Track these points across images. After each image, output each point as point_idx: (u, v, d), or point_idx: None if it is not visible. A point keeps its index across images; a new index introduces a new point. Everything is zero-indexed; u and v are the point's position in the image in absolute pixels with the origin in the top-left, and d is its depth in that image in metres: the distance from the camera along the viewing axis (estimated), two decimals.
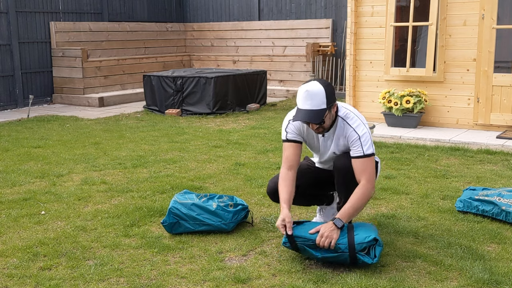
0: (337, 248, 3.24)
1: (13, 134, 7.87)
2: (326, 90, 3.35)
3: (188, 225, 3.88)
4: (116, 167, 5.88)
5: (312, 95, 3.33)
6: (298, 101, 3.41)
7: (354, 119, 3.47)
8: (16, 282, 3.22)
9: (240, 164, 5.86)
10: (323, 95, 3.34)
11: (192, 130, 7.97)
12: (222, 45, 13.87)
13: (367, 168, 3.40)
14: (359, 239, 3.27)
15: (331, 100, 3.37)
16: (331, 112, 3.42)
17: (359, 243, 3.25)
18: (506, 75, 7.01)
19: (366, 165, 3.40)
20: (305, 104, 3.35)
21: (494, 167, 5.62)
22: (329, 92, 3.37)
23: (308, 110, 3.34)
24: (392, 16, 7.42)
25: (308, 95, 3.34)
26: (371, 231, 3.34)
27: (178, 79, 9.54)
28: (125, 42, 12.85)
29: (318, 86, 3.35)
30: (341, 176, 3.53)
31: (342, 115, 3.49)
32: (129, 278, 3.24)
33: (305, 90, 3.36)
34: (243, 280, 3.19)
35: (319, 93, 3.33)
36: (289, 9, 13.02)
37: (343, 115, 3.49)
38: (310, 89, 3.35)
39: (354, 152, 3.43)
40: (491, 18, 6.89)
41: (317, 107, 3.34)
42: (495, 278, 3.12)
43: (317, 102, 3.33)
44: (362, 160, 3.40)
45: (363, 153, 3.40)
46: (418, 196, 4.71)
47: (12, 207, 4.58)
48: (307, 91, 3.35)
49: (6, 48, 10.62)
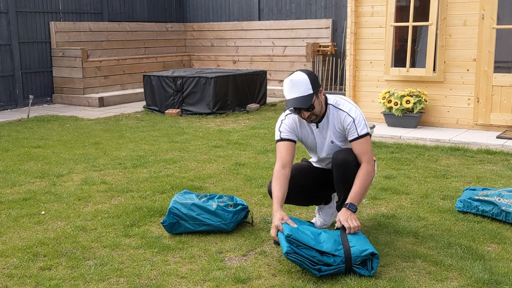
0: (332, 262, 3.18)
1: (13, 134, 7.87)
2: (309, 76, 3.50)
3: (188, 225, 3.88)
4: (116, 167, 5.88)
5: (297, 83, 3.47)
6: (285, 92, 3.54)
7: (346, 104, 3.59)
8: (16, 282, 3.22)
9: (240, 164, 5.86)
10: (307, 81, 3.48)
11: (192, 130, 7.97)
12: (222, 45, 13.87)
13: (364, 148, 3.51)
14: (356, 251, 3.20)
15: (316, 85, 3.51)
16: (318, 98, 3.54)
17: (356, 256, 3.19)
18: (506, 75, 7.01)
19: (362, 146, 3.51)
20: (292, 92, 3.48)
21: (494, 167, 5.62)
22: (312, 78, 3.52)
23: (296, 97, 3.47)
24: (392, 16, 7.42)
25: (293, 84, 3.48)
26: (367, 244, 3.27)
27: (178, 79, 9.54)
28: (125, 42, 12.85)
29: (301, 74, 3.51)
30: (340, 171, 3.55)
31: (333, 103, 3.61)
32: (129, 278, 3.24)
33: (289, 80, 3.50)
34: (243, 280, 3.19)
35: (303, 80, 3.48)
36: (289, 9, 13.02)
37: (333, 103, 3.61)
38: (294, 78, 3.49)
39: (351, 135, 3.54)
40: (491, 18, 6.89)
41: (303, 93, 3.46)
42: (495, 278, 3.12)
43: (303, 88, 3.46)
44: (358, 141, 3.51)
45: (357, 135, 3.52)
46: (418, 196, 4.71)
47: (12, 207, 4.58)
48: (291, 80, 3.49)
49: (6, 48, 10.62)
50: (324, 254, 3.19)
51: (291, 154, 3.62)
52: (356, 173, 3.50)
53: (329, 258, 3.18)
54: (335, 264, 3.17)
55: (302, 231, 3.28)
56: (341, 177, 3.56)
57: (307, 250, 3.17)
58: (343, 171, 3.53)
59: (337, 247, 3.23)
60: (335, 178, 3.61)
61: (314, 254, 3.17)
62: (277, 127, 3.69)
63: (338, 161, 3.54)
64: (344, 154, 3.54)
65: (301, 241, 3.18)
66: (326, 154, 3.72)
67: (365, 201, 4.59)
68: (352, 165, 3.51)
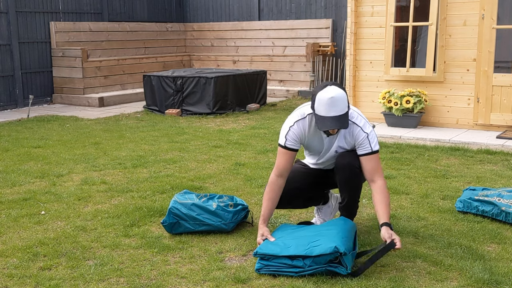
0: (302, 264, 3.18)
1: (13, 134, 7.87)
2: (345, 93, 3.41)
3: (188, 225, 3.88)
4: (116, 167, 5.88)
5: (337, 101, 3.33)
6: (321, 108, 3.35)
7: (359, 119, 3.54)
8: (16, 282, 3.22)
9: (240, 164, 5.86)
10: (345, 98, 3.38)
11: (192, 130, 7.97)
12: (222, 45, 13.87)
13: (378, 164, 3.53)
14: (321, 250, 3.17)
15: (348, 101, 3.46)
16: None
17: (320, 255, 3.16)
18: (506, 75, 7.01)
19: (376, 162, 3.52)
20: (331, 110, 3.33)
21: (494, 167, 5.62)
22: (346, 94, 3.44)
23: (337, 116, 3.33)
24: (392, 16, 7.42)
25: (334, 102, 3.32)
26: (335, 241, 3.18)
27: (178, 79, 9.54)
28: (125, 42, 12.85)
29: (339, 91, 3.36)
30: (346, 175, 3.57)
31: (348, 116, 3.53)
32: (129, 278, 3.24)
33: (330, 97, 3.32)
34: (243, 280, 3.19)
35: (343, 97, 3.36)
36: (289, 9, 13.02)
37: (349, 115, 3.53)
38: (335, 95, 3.32)
39: (362, 150, 3.51)
40: (491, 18, 6.89)
41: (343, 111, 3.36)
42: (495, 278, 3.12)
43: (342, 107, 3.35)
44: (371, 156, 3.50)
45: (371, 150, 3.51)
46: (418, 196, 4.71)
47: (12, 207, 4.58)
48: (332, 98, 3.31)
49: (6, 48, 10.62)
50: (294, 258, 3.22)
51: (290, 163, 3.61)
52: (360, 178, 3.57)
53: (299, 262, 3.21)
54: (307, 266, 3.18)
55: (271, 242, 3.37)
56: (347, 181, 3.59)
57: (277, 260, 3.25)
58: (349, 175, 3.56)
59: (305, 247, 3.23)
60: (340, 180, 3.62)
61: (284, 261, 3.23)
62: (283, 132, 3.59)
63: (345, 165, 3.55)
64: (349, 158, 3.55)
65: (268, 253, 3.26)
66: (326, 159, 3.74)
67: (365, 201, 4.59)
68: (357, 171, 3.55)
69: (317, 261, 3.18)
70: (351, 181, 3.57)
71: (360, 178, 3.60)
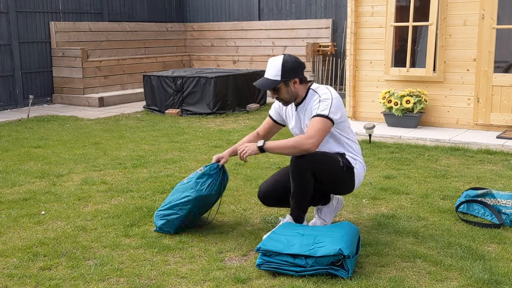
0: (304, 264, 3.19)
1: (13, 134, 7.87)
2: (284, 64, 3.62)
3: (175, 216, 3.85)
4: (116, 167, 5.88)
5: (270, 65, 3.67)
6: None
7: (324, 91, 3.68)
8: (16, 282, 3.22)
9: (240, 164, 5.86)
10: (279, 68, 3.62)
11: (192, 130, 7.97)
12: (222, 45, 13.87)
13: (313, 124, 3.56)
14: (325, 251, 3.17)
15: (288, 75, 3.62)
16: (289, 87, 3.65)
17: (323, 256, 3.16)
18: (506, 75, 7.01)
19: (313, 123, 3.56)
20: (266, 72, 3.70)
21: (494, 167, 5.62)
22: (287, 67, 3.63)
23: (264, 78, 3.70)
24: (392, 16, 7.42)
25: (268, 65, 3.69)
26: (339, 243, 3.19)
27: (178, 79, 9.54)
28: (125, 42, 12.85)
29: (278, 59, 3.65)
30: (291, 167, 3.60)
31: (314, 88, 3.72)
32: (129, 278, 3.24)
33: (269, 60, 3.69)
34: (243, 280, 3.19)
35: (277, 65, 3.63)
36: (289, 9, 13.02)
37: (315, 87, 3.72)
38: (271, 60, 3.68)
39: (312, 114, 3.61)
40: (491, 18, 6.89)
41: (270, 76, 3.66)
42: (495, 278, 3.12)
43: (272, 72, 3.65)
44: (313, 118, 3.57)
45: (316, 113, 3.57)
46: (418, 196, 4.71)
47: (12, 207, 4.58)
48: (269, 61, 3.69)
49: (6, 48, 10.62)
50: (296, 257, 3.22)
51: (267, 128, 3.98)
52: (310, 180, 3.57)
53: (301, 260, 3.20)
54: (308, 266, 3.18)
55: (274, 238, 3.36)
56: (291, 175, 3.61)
57: (279, 257, 3.25)
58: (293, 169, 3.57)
59: (309, 247, 3.23)
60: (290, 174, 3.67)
61: (286, 259, 3.23)
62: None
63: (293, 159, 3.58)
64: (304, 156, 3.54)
65: (271, 250, 3.26)
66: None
67: (365, 201, 4.60)
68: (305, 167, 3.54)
69: (319, 261, 3.18)
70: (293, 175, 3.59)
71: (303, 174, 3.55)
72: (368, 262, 3.40)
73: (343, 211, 4.38)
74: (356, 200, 4.62)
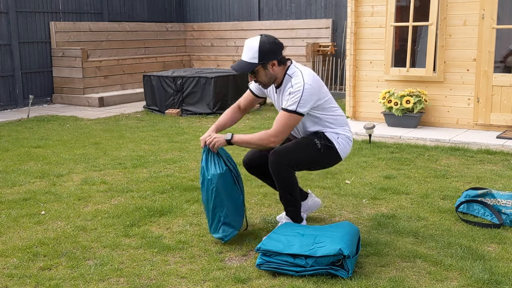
0: (304, 264, 3.19)
1: (13, 134, 7.87)
2: (261, 46, 3.51)
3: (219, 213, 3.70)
4: (116, 167, 5.88)
5: (247, 47, 3.56)
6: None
7: (298, 78, 3.56)
8: (16, 282, 3.22)
9: (240, 164, 5.84)
10: (256, 50, 3.51)
11: (192, 130, 7.97)
12: (222, 45, 13.87)
13: (279, 120, 3.54)
14: (325, 251, 3.18)
15: (266, 57, 3.53)
16: (267, 69, 3.58)
17: (323, 256, 3.16)
18: (506, 75, 7.01)
19: (279, 118, 3.55)
20: (242, 54, 3.60)
21: (494, 167, 5.62)
22: (265, 49, 3.52)
23: (241, 60, 3.59)
24: (392, 16, 7.42)
25: (245, 46, 3.58)
26: (339, 243, 3.19)
27: (178, 79, 9.54)
28: (125, 42, 12.85)
29: (255, 41, 3.55)
30: (270, 168, 3.64)
31: (290, 73, 3.62)
32: (129, 278, 3.24)
33: (246, 41, 3.59)
34: (243, 280, 3.19)
35: (253, 47, 3.53)
36: (289, 9, 13.02)
37: (290, 72, 3.62)
38: (248, 42, 3.58)
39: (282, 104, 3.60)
40: (491, 18, 6.89)
41: (247, 59, 3.55)
42: (495, 278, 3.12)
43: (248, 55, 3.55)
44: (280, 112, 3.57)
45: (284, 106, 3.55)
46: (418, 196, 4.71)
47: (12, 207, 4.58)
48: (246, 42, 3.60)
49: (6, 48, 10.61)
50: (296, 257, 3.22)
51: (247, 100, 3.91)
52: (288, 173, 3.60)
53: (301, 260, 3.20)
54: (308, 266, 3.18)
55: (274, 238, 3.37)
56: (272, 174, 3.66)
57: (279, 257, 3.25)
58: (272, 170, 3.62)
59: (309, 247, 3.24)
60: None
61: (286, 258, 3.23)
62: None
63: (269, 160, 3.62)
64: (276, 156, 3.59)
65: (271, 249, 3.26)
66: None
67: (365, 201, 4.60)
68: (281, 166, 3.58)
69: (319, 261, 3.18)
70: (274, 175, 3.63)
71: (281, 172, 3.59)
72: (368, 262, 3.40)
73: (343, 211, 4.38)
74: (356, 200, 4.62)
